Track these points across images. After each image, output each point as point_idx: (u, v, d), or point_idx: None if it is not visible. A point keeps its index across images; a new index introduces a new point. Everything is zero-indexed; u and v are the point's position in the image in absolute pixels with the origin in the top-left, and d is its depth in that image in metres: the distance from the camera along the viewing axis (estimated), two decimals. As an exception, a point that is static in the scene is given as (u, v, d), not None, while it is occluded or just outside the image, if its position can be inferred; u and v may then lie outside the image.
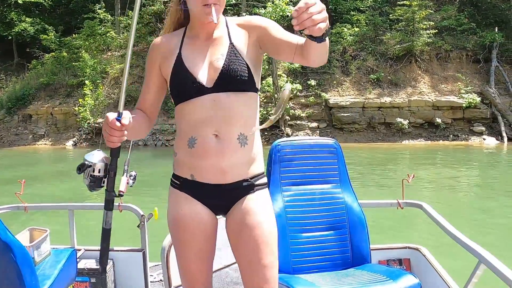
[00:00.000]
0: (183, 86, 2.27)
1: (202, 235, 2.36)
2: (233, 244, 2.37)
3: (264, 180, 2.39)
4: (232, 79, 2.21)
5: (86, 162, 2.26)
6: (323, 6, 1.76)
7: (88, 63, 26.23)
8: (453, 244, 3.00)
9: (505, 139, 22.13)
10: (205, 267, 2.42)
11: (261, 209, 2.30)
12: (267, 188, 2.40)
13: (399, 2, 24.60)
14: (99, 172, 2.26)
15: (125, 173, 4.23)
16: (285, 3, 22.15)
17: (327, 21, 1.79)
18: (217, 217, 2.42)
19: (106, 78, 26.86)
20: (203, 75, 2.24)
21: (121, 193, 4.06)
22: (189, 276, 2.43)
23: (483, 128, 22.88)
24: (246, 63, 2.24)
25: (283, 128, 22.45)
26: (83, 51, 27.04)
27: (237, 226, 2.31)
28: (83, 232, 8.12)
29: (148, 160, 19.48)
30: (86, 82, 25.13)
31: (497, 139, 22.32)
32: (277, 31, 2.25)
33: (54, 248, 3.82)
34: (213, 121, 2.21)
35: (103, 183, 2.30)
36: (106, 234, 2.38)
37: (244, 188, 2.30)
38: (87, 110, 24.32)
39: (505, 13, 27.10)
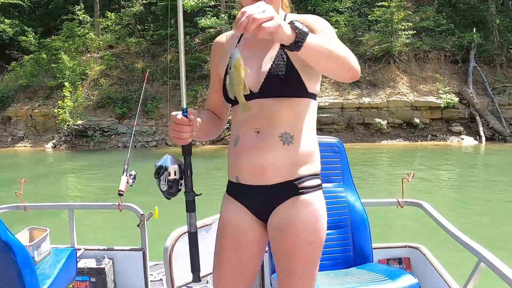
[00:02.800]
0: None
1: (239, 241, 2.23)
2: (272, 251, 2.23)
3: (314, 182, 2.17)
4: (278, 85, 2.08)
5: (163, 165, 2.21)
6: (266, 7, 1.68)
7: (67, 64, 26.10)
8: (453, 242, 2.99)
9: (483, 138, 22.31)
10: (240, 280, 2.27)
11: (302, 216, 2.10)
12: (318, 191, 2.18)
13: (377, 4, 24.72)
14: (175, 174, 2.20)
15: (125, 173, 4.23)
16: (264, 4, 22.10)
17: (275, 22, 1.68)
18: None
19: (85, 79, 26.74)
20: (251, 79, 2.11)
21: (121, 192, 4.08)
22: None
23: (461, 128, 23.03)
24: (295, 68, 2.07)
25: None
26: (62, 52, 26.87)
27: (273, 233, 2.18)
28: (83, 231, 8.13)
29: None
30: (65, 84, 24.98)
31: (475, 139, 22.46)
32: (327, 38, 2.03)
33: (54, 248, 3.82)
34: (256, 119, 2.13)
35: (180, 185, 2.23)
36: (193, 238, 2.27)
37: (286, 191, 2.13)
38: (67, 112, 24.15)
39: (483, 14, 27.34)
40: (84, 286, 4.12)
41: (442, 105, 22.91)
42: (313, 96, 2.17)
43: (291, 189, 2.12)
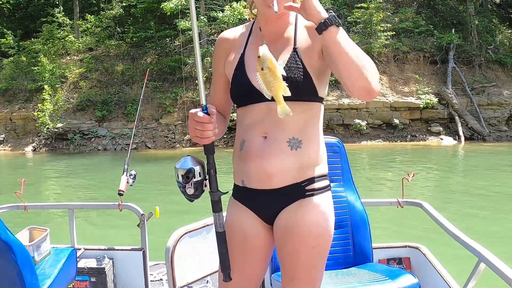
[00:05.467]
0: (240, 92, 2.17)
1: (246, 245, 2.20)
2: (277, 253, 2.21)
3: (321, 183, 2.16)
4: (290, 89, 1.96)
5: (191, 168, 2.07)
6: None
7: (46, 67, 25.88)
8: (453, 242, 2.98)
9: (462, 138, 22.50)
10: (246, 282, 2.24)
11: (307, 219, 2.09)
12: (325, 193, 2.16)
13: (357, 5, 24.85)
14: (199, 176, 2.08)
15: (125, 173, 4.22)
16: (243, 6, 22.13)
17: None
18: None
19: (65, 82, 26.58)
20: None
21: (121, 192, 4.07)
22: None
23: (441, 128, 23.21)
24: (308, 72, 2.06)
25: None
26: (42, 55, 26.68)
27: (278, 235, 2.16)
28: (83, 231, 8.10)
29: (109, 163, 19.50)
30: (45, 86, 24.80)
31: (454, 139, 22.63)
32: None
33: (54, 247, 3.82)
34: (263, 124, 2.10)
35: (204, 186, 2.10)
36: (221, 237, 2.13)
37: (293, 193, 2.11)
38: (46, 115, 24.00)
39: (462, 15, 27.59)
40: (84, 286, 4.12)
41: (421, 106, 23.10)
42: (322, 100, 2.17)
43: (298, 191, 2.10)
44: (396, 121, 23.00)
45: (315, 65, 2.07)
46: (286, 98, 1.99)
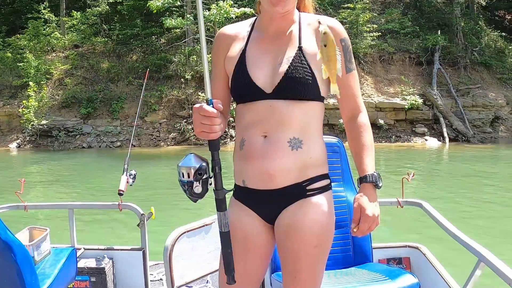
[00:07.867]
0: (241, 89, 2.14)
1: (247, 245, 2.21)
2: (278, 252, 2.23)
3: (322, 183, 2.17)
4: (294, 88, 2.05)
5: (200, 166, 2.00)
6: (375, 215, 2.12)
7: (32, 64, 25.70)
8: (453, 242, 3.00)
9: (447, 139, 22.58)
10: (247, 281, 2.24)
11: (308, 219, 2.10)
12: (326, 192, 2.17)
13: (343, 5, 24.89)
14: (205, 173, 2.03)
15: (125, 172, 4.21)
16: (229, 5, 22.12)
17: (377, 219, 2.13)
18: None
19: (50, 79, 26.41)
20: (263, 79, 2.09)
21: (121, 192, 4.08)
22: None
23: (425, 129, 23.29)
24: (313, 72, 2.07)
25: (226, 130, 22.38)
26: (28, 51, 26.54)
27: (280, 235, 2.17)
28: (83, 231, 8.08)
29: (95, 162, 19.44)
30: (30, 83, 24.66)
31: (439, 140, 22.73)
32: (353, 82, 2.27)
33: (54, 247, 3.83)
34: (264, 123, 2.08)
35: (209, 184, 2.05)
36: (226, 237, 2.07)
37: (294, 193, 2.11)
38: (31, 111, 23.87)
39: (448, 16, 27.68)
40: (84, 285, 4.14)
41: (406, 107, 23.16)
42: (323, 99, 2.17)
43: (299, 191, 2.11)
44: (381, 121, 23.04)
45: (319, 65, 2.05)
46: (289, 97, 2.07)
